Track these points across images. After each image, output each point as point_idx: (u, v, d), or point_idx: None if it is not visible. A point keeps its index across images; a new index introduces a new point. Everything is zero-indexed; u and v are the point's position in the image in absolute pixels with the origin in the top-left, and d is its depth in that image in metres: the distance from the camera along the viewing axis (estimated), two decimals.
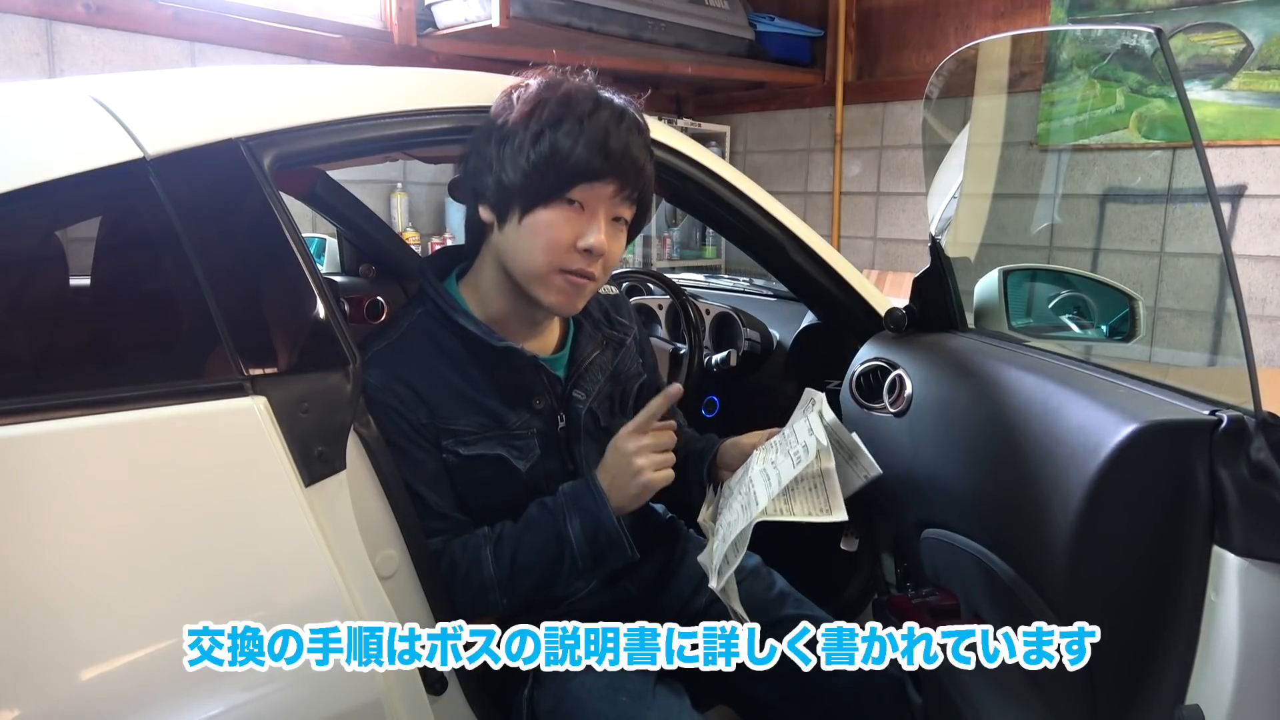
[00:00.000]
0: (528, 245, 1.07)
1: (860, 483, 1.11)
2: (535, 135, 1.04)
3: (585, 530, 1.07)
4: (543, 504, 1.11)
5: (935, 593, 1.29)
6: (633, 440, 1.08)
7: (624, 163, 1.07)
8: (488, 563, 1.07)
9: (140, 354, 0.93)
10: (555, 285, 1.09)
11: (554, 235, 1.06)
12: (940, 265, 1.35)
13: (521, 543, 1.09)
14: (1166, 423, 0.89)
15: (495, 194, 1.08)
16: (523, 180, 1.05)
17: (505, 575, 1.08)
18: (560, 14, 3.28)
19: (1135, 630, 0.93)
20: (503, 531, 1.10)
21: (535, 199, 1.06)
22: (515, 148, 1.05)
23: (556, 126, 1.04)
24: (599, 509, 1.07)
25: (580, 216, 1.07)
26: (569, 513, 1.08)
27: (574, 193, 1.06)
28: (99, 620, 0.80)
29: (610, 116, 1.06)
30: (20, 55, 2.54)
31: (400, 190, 3.45)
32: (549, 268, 1.07)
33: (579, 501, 1.09)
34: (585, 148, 1.04)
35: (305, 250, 0.96)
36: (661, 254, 4.26)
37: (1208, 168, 0.91)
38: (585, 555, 1.08)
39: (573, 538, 1.07)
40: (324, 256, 2.10)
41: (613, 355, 1.26)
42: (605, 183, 1.06)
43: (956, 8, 3.81)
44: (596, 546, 1.08)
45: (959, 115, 1.52)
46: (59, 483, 0.79)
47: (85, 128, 0.89)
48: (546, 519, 1.09)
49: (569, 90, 1.07)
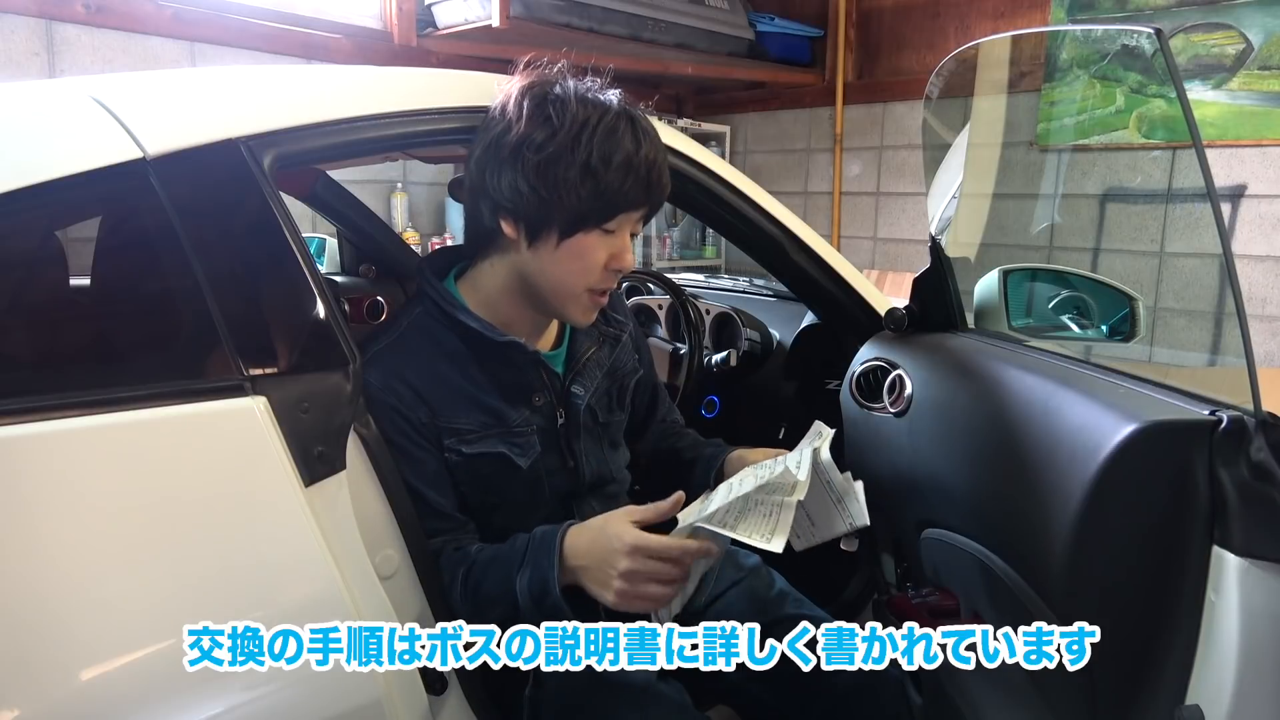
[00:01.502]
0: (565, 269, 1.09)
1: (844, 529, 1.07)
2: (584, 168, 1.03)
3: (531, 588, 1.02)
4: (514, 541, 1.07)
5: (935, 593, 1.29)
6: (631, 559, 0.96)
7: (661, 193, 1.10)
8: (458, 586, 1.06)
9: (140, 354, 0.93)
10: (584, 304, 1.12)
11: (593, 260, 1.09)
12: (940, 265, 1.35)
13: (486, 577, 1.05)
14: (1166, 423, 0.89)
15: (530, 215, 1.06)
16: (569, 211, 1.05)
17: (470, 606, 1.06)
18: (560, 14, 3.28)
19: (1135, 630, 0.93)
20: (477, 559, 1.07)
21: (578, 227, 1.07)
22: (559, 177, 1.03)
23: (607, 164, 1.04)
24: (549, 570, 1.00)
25: (612, 238, 1.09)
26: (525, 561, 1.03)
27: (613, 222, 1.08)
28: (99, 620, 0.80)
29: (651, 149, 1.08)
30: (20, 55, 2.54)
31: (400, 190, 3.45)
32: (584, 289, 1.10)
33: (536, 555, 1.03)
34: (634, 185, 1.06)
35: (305, 250, 0.96)
36: (661, 254, 4.26)
37: (1208, 168, 0.91)
38: (529, 610, 1.01)
39: (520, 590, 1.02)
40: (324, 256, 2.10)
41: (609, 351, 1.27)
42: (641, 209, 1.10)
43: (956, 8, 3.81)
44: (542, 608, 1.01)
45: (959, 115, 1.52)
46: (59, 483, 0.79)
47: (85, 128, 0.89)
48: (508, 559, 1.05)
49: (607, 121, 1.05)
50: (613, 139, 1.05)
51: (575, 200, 1.04)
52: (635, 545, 0.97)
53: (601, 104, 1.07)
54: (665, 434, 1.44)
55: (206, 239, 0.91)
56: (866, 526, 1.06)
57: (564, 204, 1.05)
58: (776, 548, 0.93)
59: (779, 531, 0.94)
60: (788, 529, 0.95)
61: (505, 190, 1.06)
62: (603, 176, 1.04)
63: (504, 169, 1.06)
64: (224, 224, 0.94)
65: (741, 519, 0.97)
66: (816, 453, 1.06)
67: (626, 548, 0.97)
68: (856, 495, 1.07)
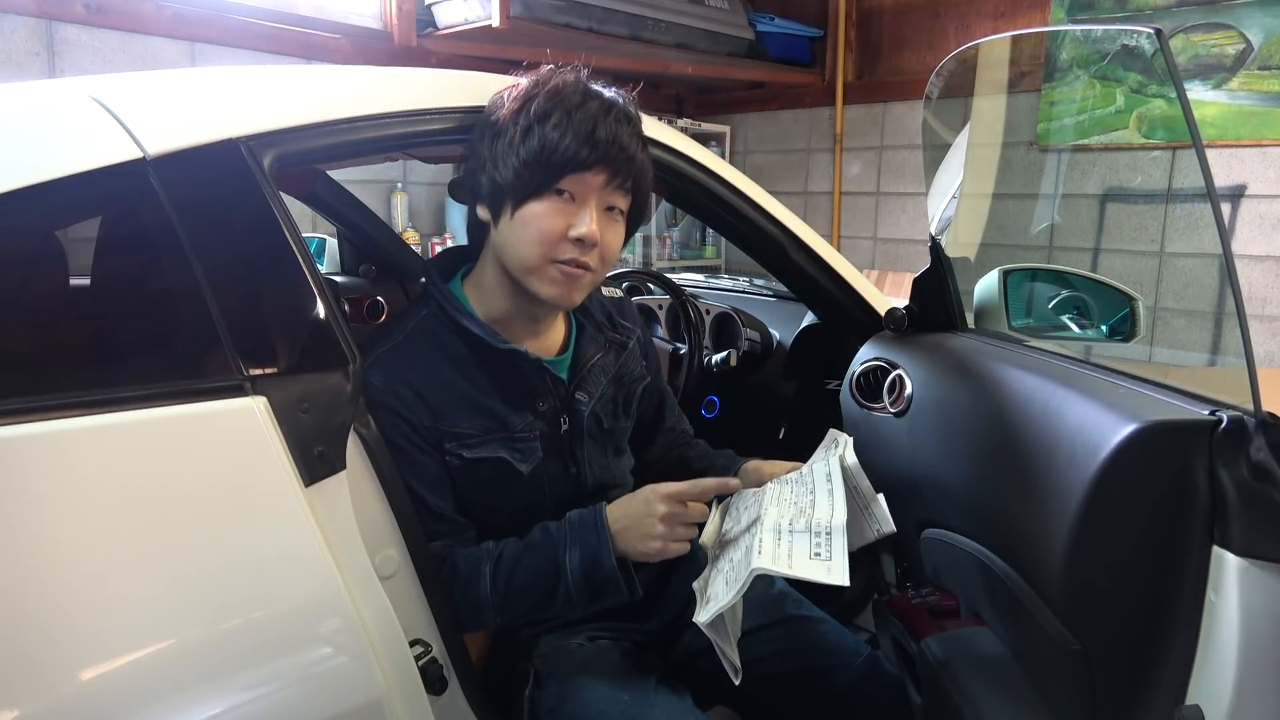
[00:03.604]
0: (520, 238, 1.08)
1: (872, 536, 1.06)
2: (525, 130, 1.05)
3: (583, 564, 1.04)
4: (546, 528, 1.09)
5: (935, 593, 1.30)
6: (666, 504, 1.03)
7: (612, 151, 1.07)
8: (485, 579, 1.06)
9: (140, 354, 0.93)
10: (549, 276, 1.09)
11: (545, 226, 1.07)
12: (940, 265, 1.35)
13: (520, 565, 1.07)
14: (1166, 423, 0.89)
15: (489, 191, 1.09)
16: (513, 175, 1.06)
17: (501, 595, 1.06)
18: (560, 14, 3.27)
19: (1135, 630, 0.93)
20: (505, 550, 1.08)
21: (526, 192, 1.06)
22: (506, 144, 1.06)
23: (544, 120, 1.05)
24: (600, 545, 1.04)
25: (570, 206, 1.08)
26: (570, 543, 1.06)
27: (564, 183, 1.07)
28: (99, 620, 0.80)
29: (598, 107, 1.07)
30: (20, 55, 2.54)
31: (400, 190, 3.45)
32: (542, 259, 1.08)
33: (583, 534, 1.06)
34: (573, 138, 1.05)
35: (305, 250, 0.96)
36: (661, 254, 4.26)
37: (1208, 168, 0.91)
38: (580, 588, 1.05)
39: (569, 569, 1.04)
40: (324, 256, 2.10)
41: (615, 358, 1.26)
42: (595, 172, 1.07)
43: (956, 8, 3.81)
44: (593, 582, 1.05)
45: (959, 115, 1.52)
46: (59, 483, 0.79)
47: (85, 128, 0.89)
48: (547, 544, 1.07)
49: (557, 84, 1.08)
50: (554, 99, 1.06)
51: (516, 161, 1.05)
52: (667, 493, 1.04)
53: (562, 80, 1.08)
54: (674, 443, 1.42)
55: (206, 239, 0.91)
56: (893, 533, 1.04)
57: (510, 169, 1.06)
58: (842, 580, 0.88)
59: (837, 561, 0.90)
60: (844, 555, 0.91)
61: (474, 174, 1.11)
62: (539, 134, 1.05)
63: (475, 155, 1.11)
64: (224, 224, 0.94)
65: (791, 555, 0.93)
66: (843, 460, 1.05)
67: (660, 495, 1.04)
68: (880, 501, 1.06)
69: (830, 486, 1.02)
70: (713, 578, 1.01)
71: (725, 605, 0.93)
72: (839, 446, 1.10)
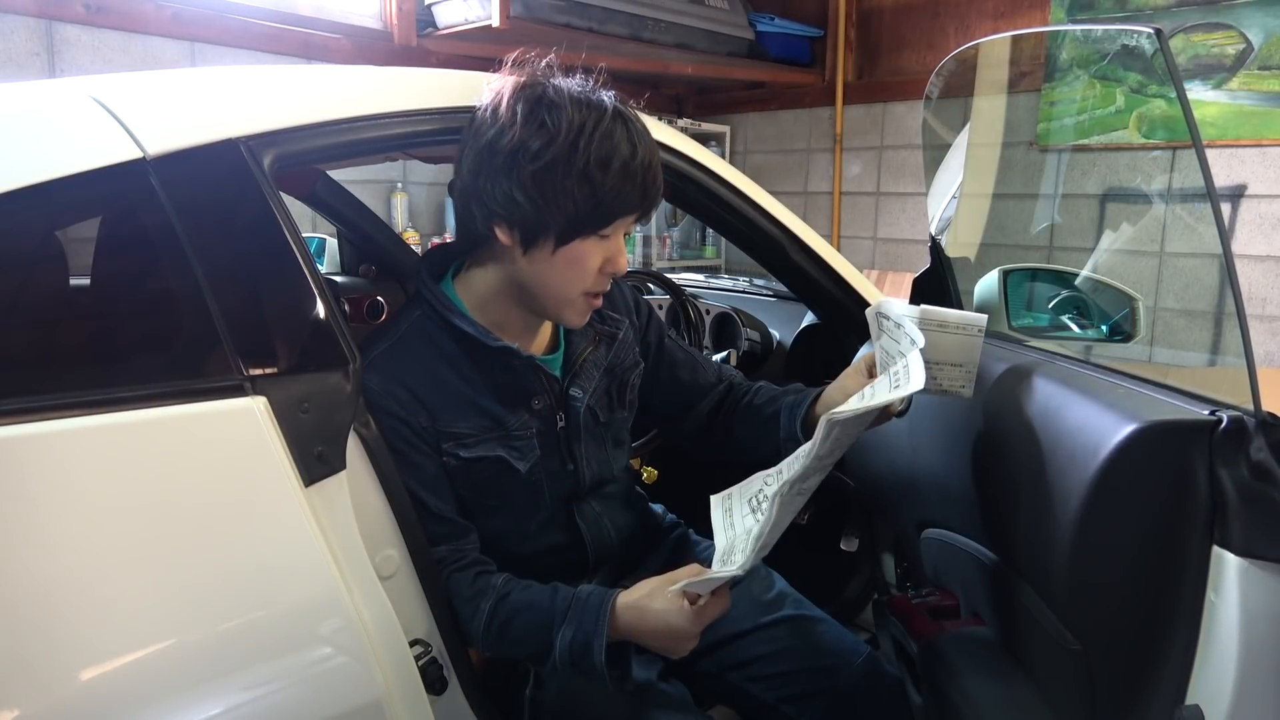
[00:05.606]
0: (562, 276, 1.08)
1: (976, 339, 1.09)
2: (581, 175, 1.02)
3: (573, 646, 1.03)
4: (554, 592, 1.07)
5: (935, 593, 1.30)
6: (697, 624, 1.01)
7: (656, 195, 1.10)
8: (483, 615, 1.06)
9: (140, 354, 0.93)
10: (579, 307, 1.12)
11: (589, 265, 1.08)
12: (940, 265, 1.35)
13: (518, 617, 1.06)
14: (1166, 423, 0.89)
15: (523, 222, 1.05)
16: (565, 219, 1.04)
17: (493, 637, 1.06)
18: (560, 14, 3.28)
19: (1135, 630, 0.93)
20: (511, 593, 1.07)
21: (575, 234, 1.06)
22: (557, 184, 1.02)
23: (604, 169, 1.02)
24: (593, 636, 1.02)
25: (606, 242, 1.09)
26: (568, 620, 1.04)
27: (609, 227, 1.08)
28: (99, 620, 0.80)
29: (646, 151, 1.07)
30: (20, 55, 2.54)
31: (400, 190, 3.45)
32: (579, 294, 1.10)
33: (582, 615, 1.04)
34: (632, 190, 1.05)
35: (305, 250, 0.96)
36: (661, 254, 4.26)
37: (1208, 168, 0.91)
38: (565, 666, 1.04)
39: (558, 645, 1.03)
40: (324, 256, 2.10)
41: (607, 350, 1.25)
42: (636, 213, 1.09)
43: (956, 8, 3.81)
44: (580, 667, 1.03)
45: (959, 115, 1.53)
46: (59, 483, 0.79)
47: (85, 128, 0.89)
48: (547, 611, 1.05)
49: (600, 117, 1.03)
50: (608, 144, 1.03)
51: (572, 208, 1.03)
52: (695, 616, 1.00)
53: (596, 106, 1.04)
54: (731, 400, 1.35)
55: (206, 239, 0.91)
56: None
57: (561, 212, 1.03)
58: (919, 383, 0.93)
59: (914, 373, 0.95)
60: (921, 367, 0.95)
61: (499, 198, 1.04)
62: (600, 183, 1.03)
63: (498, 177, 1.03)
64: (224, 224, 0.94)
65: None
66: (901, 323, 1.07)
67: (688, 619, 1.00)
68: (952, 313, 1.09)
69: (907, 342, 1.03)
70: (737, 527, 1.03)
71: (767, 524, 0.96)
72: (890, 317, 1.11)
